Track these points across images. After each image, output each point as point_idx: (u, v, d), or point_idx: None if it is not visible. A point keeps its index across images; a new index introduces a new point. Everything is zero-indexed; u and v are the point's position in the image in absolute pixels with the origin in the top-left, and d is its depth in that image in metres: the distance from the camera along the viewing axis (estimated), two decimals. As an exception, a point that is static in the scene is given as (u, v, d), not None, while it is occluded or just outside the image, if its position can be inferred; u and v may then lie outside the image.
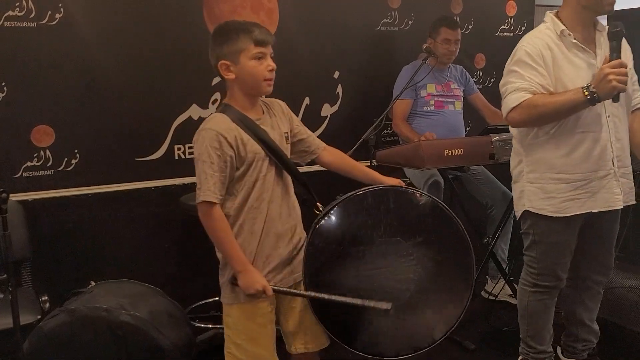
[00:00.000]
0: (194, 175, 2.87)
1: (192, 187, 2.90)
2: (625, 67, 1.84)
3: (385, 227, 1.80)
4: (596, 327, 2.29)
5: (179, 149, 2.95)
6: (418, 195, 1.90)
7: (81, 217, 2.75)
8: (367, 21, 3.42)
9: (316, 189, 1.95)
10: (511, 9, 3.94)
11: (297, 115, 2.17)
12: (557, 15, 2.06)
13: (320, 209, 1.87)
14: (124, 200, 2.83)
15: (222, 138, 1.69)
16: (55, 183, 2.68)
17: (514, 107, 1.97)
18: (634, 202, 2.14)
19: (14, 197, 2.49)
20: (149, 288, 2.24)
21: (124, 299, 2.03)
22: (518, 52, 2.02)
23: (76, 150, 2.71)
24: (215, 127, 1.70)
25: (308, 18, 3.20)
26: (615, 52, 1.87)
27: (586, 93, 1.86)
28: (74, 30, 2.64)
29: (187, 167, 2.96)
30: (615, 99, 1.89)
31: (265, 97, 1.90)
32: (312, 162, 2.05)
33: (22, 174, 2.61)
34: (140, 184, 2.86)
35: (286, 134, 1.87)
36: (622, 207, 2.08)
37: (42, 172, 2.65)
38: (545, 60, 1.98)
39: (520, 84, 1.97)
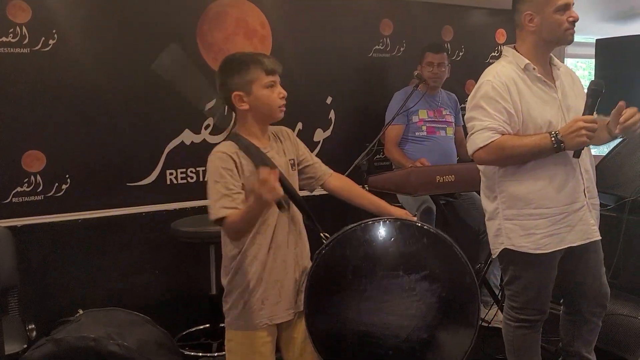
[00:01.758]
0: (186, 201, 2.96)
1: (183, 213, 2.93)
2: (596, 123, 1.87)
3: (388, 260, 1.78)
4: (593, 357, 2.26)
5: (171, 174, 2.94)
6: (424, 228, 1.85)
7: (71, 243, 2.72)
8: (360, 48, 3.46)
9: (321, 214, 1.96)
10: (501, 37, 4.01)
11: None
12: (516, 50, 2.07)
13: (325, 238, 1.86)
14: (115, 226, 2.81)
15: (232, 160, 1.71)
16: (46, 208, 2.66)
17: (481, 147, 1.96)
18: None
19: (3, 223, 2.48)
20: (138, 316, 2.21)
21: (112, 328, 2.00)
22: (484, 86, 1.99)
23: (67, 176, 2.70)
24: (222, 149, 1.74)
25: (301, 44, 3.24)
26: (589, 110, 1.90)
27: (553, 140, 1.88)
28: (67, 56, 2.66)
29: (179, 192, 2.96)
30: (577, 154, 1.92)
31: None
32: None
33: (11, 199, 2.60)
34: (131, 209, 2.84)
35: (292, 161, 1.88)
36: (599, 238, 2.07)
37: (32, 198, 2.64)
38: (511, 95, 1.96)
39: (488, 123, 1.94)
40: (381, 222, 1.82)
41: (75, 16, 2.67)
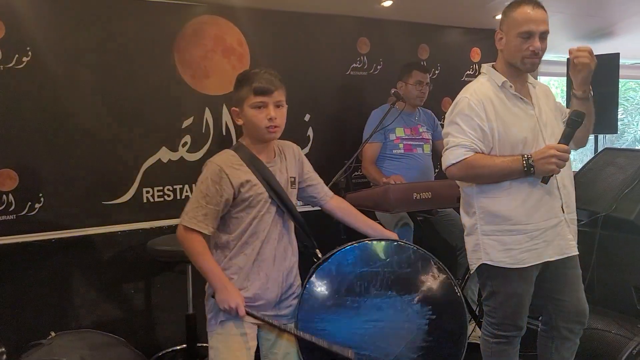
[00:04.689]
0: (163, 219, 2.92)
1: (160, 232, 2.89)
2: (569, 153, 1.92)
3: (382, 280, 1.80)
4: None
5: (147, 192, 2.91)
6: (420, 252, 1.89)
7: (44, 263, 2.66)
8: (337, 66, 3.49)
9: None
10: (476, 55, 4.09)
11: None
12: (494, 67, 2.12)
13: (319, 255, 1.87)
14: (89, 246, 2.76)
15: (225, 175, 1.74)
16: (18, 228, 2.60)
17: (454, 163, 1.99)
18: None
19: (-26, 243, 2.42)
20: (112, 338, 2.17)
21: (85, 351, 1.96)
22: (460, 102, 2.03)
23: (40, 194, 2.65)
24: (221, 163, 1.77)
25: (279, 62, 3.25)
26: (566, 138, 1.95)
27: (524, 164, 1.92)
28: (41, 74, 2.63)
29: (156, 210, 2.93)
30: (545, 180, 1.95)
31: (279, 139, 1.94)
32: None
33: (-17, 219, 2.54)
34: (107, 228, 2.80)
35: (292, 179, 1.91)
36: (577, 253, 2.10)
37: (4, 217, 2.58)
38: (487, 113, 1.99)
39: (461, 140, 1.98)
40: (378, 243, 1.85)
41: (50, 33, 2.65)
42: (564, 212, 2.06)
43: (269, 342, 1.87)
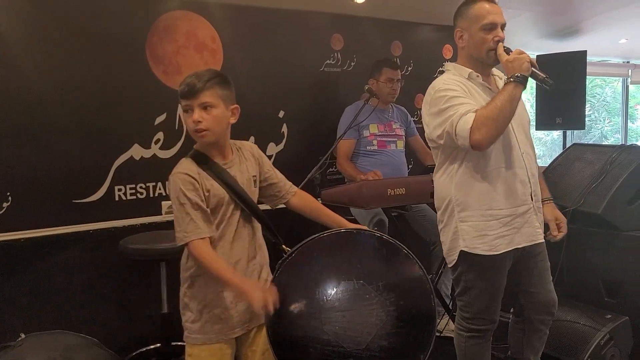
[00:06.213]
0: (135, 217, 2.88)
1: (133, 230, 2.85)
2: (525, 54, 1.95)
3: (349, 270, 1.81)
4: None
5: (119, 190, 2.87)
6: (383, 239, 1.90)
7: (12, 263, 2.60)
8: (311, 62, 3.49)
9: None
10: (447, 52, 4.14)
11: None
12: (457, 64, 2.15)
13: (286, 250, 1.87)
14: (60, 245, 2.71)
15: (192, 179, 1.72)
16: (-15, 228, 2.54)
17: (471, 130, 1.91)
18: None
19: (-62, 244, 2.34)
20: (85, 339, 2.14)
21: (57, 352, 1.92)
22: (439, 93, 2.01)
23: (8, 193, 2.58)
24: (184, 170, 1.74)
25: (252, 58, 3.24)
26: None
27: (512, 80, 1.92)
28: (8, 69, 2.55)
29: (128, 208, 2.88)
30: (548, 83, 1.95)
31: (239, 139, 1.93)
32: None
33: (-53, 219, 2.47)
34: (78, 227, 2.74)
35: (254, 177, 1.90)
36: (543, 240, 2.15)
37: (-31, 217, 2.51)
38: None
39: (461, 110, 1.94)
40: (342, 233, 1.86)
41: (18, 26, 2.57)
42: (532, 199, 2.11)
43: (247, 340, 1.87)
